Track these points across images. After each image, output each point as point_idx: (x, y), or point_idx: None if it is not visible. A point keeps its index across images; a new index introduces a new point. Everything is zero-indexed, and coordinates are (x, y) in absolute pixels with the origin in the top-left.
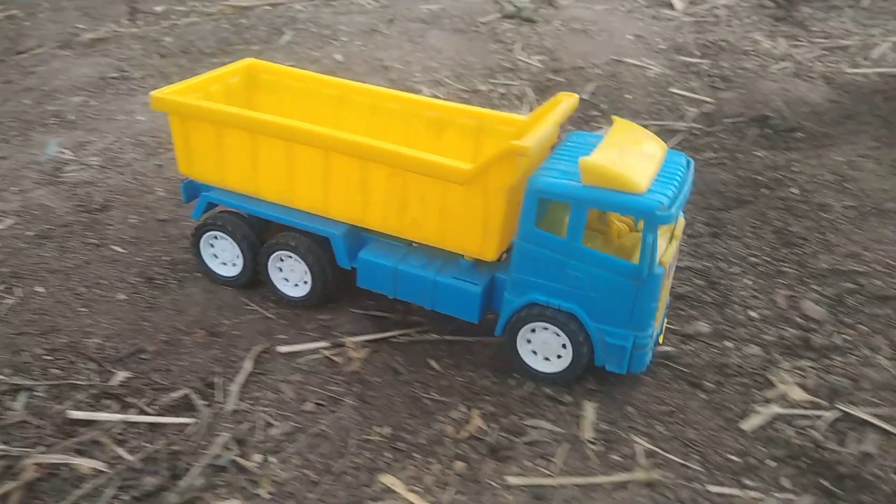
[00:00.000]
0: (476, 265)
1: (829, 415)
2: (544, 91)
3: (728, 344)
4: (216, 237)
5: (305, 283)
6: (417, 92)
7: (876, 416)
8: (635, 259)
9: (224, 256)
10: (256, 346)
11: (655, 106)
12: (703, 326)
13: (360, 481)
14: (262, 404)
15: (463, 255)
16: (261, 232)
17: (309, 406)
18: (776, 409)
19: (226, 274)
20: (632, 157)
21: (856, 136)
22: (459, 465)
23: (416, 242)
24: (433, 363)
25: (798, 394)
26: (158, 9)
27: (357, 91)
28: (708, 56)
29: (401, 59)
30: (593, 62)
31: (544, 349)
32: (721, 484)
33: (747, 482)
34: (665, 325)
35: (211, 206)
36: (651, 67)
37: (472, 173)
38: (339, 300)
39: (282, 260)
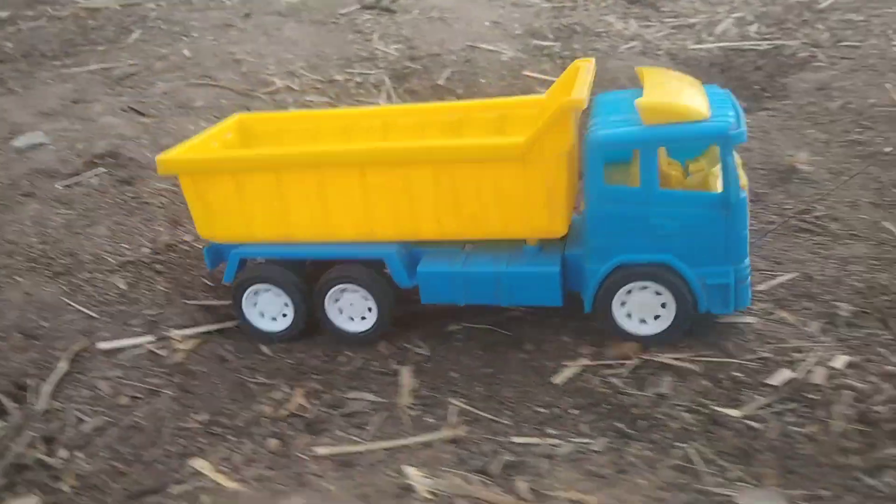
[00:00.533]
0: (541, 248)
1: (632, 363)
2: (401, 79)
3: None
4: (257, 292)
5: (368, 313)
6: (270, 83)
7: (675, 359)
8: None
9: (270, 310)
10: (74, 346)
11: (508, 89)
12: None
13: (170, 467)
14: (76, 402)
15: (525, 242)
16: (302, 274)
17: (124, 400)
18: (586, 361)
19: (276, 329)
20: (681, 90)
21: None
22: (273, 443)
23: (468, 244)
24: (265, 349)
25: (609, 346)
26: (3, 14)
27: (364, 115)
28: (561, 39)
29: (254, 52)
30: (449, 49)
31: (643, 311)
32: (524, 434)
33: (549, 430)
34: None
35: (243, 263)
36: (505, 52)
37: (528, 145)
38: (170, 293)
39: (337, 300)
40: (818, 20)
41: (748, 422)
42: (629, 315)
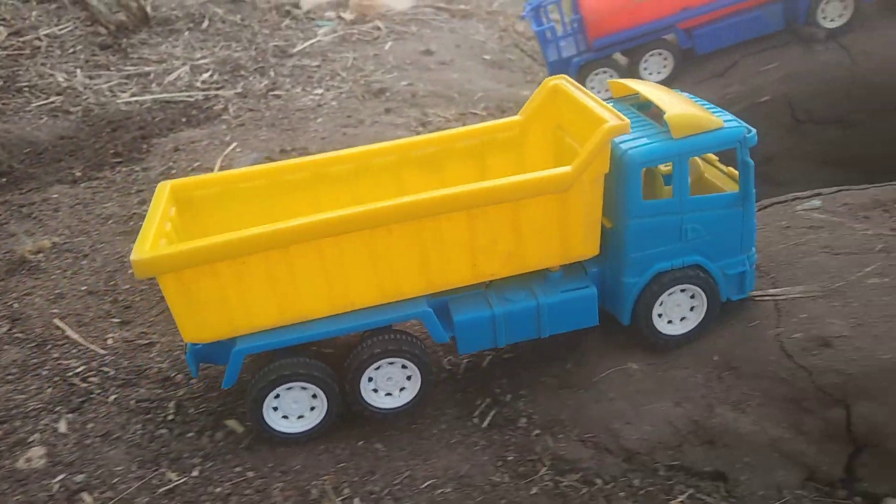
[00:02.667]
0: (562, 274)
1: None
2: None
3: None
4: (278, 394)
5: (405, 387)
6: None
7: None
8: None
9: (294, 409)
10: None
11: None
12: None
13: None
14: None
15: (549, 269)
16: (322, 357)
17: None
18: None
19: (304, 428)
20: (686, 101)
21: (63, 172)
22: None
23: (487, 283)
24: None
25: None
26: None
27: (332, 162)
28: None
29: None
30: None
31: (675, 312)
32: None
33: None
34: None
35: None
36: None
37: (575, 173)
38: None
39: (371, 378)
40: (277, 66)
41: None
42: (660, 317)
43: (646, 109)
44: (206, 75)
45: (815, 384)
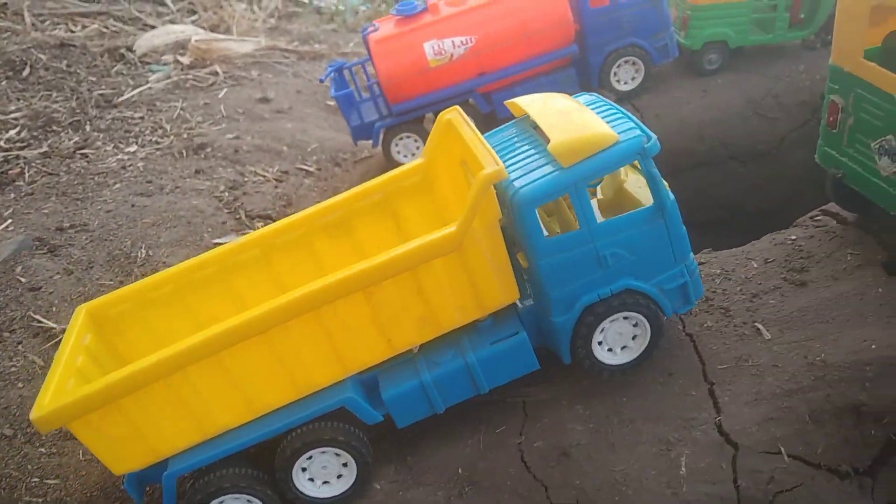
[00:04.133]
0: (492, 321)
1: None
2: None
3: None
4: None
5: (341, 475)
6: None
7: None
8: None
9: None
10: None
11: None
12: None
13: None
14: None
15: (477, 320)
16: (250, 462)
17: None
18: None
19: None
20: (577, 117)
21: None
22: None
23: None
24: None
25: None
26: None
27: (237, 250)
28: None
29: None
30: None
31: (620, 340)
32: None
33: None
34: None
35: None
36: None
37: (461, 231)
38: None
39: (304, 469)
40: (95, 119)
41: None
42: (610, 350)
43: None
44: (12, 132)
45: (550, 501)
